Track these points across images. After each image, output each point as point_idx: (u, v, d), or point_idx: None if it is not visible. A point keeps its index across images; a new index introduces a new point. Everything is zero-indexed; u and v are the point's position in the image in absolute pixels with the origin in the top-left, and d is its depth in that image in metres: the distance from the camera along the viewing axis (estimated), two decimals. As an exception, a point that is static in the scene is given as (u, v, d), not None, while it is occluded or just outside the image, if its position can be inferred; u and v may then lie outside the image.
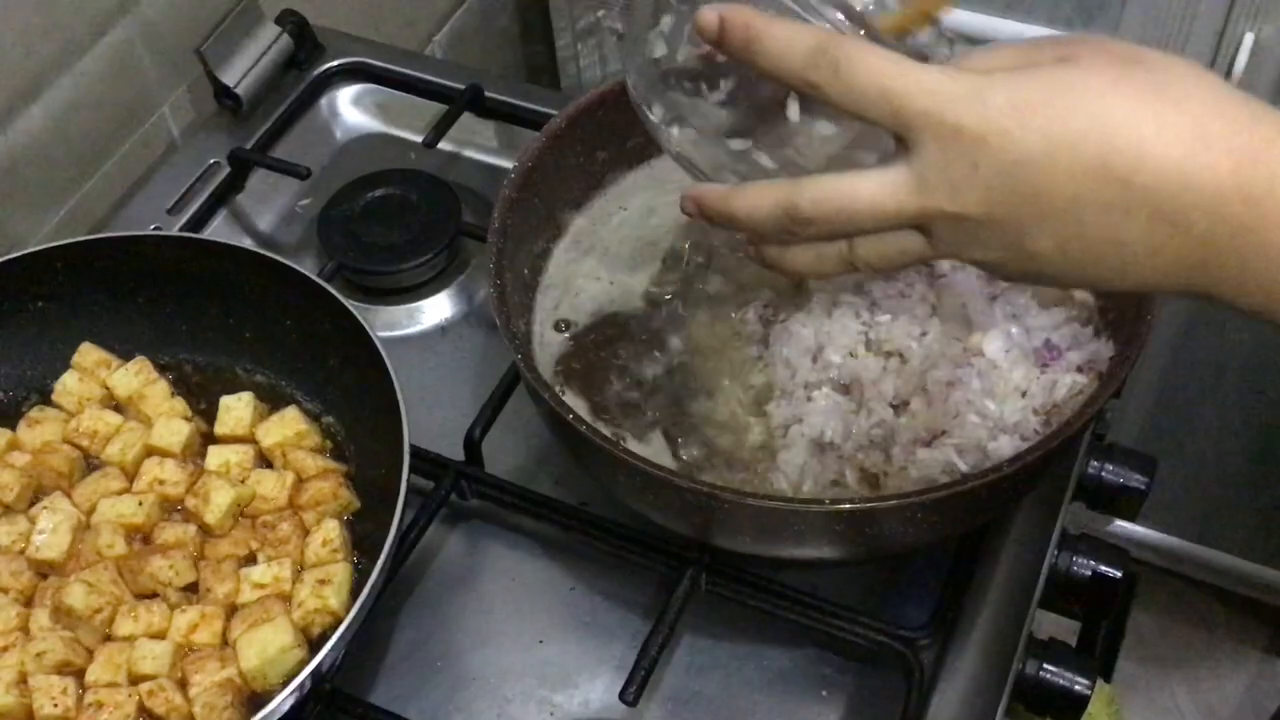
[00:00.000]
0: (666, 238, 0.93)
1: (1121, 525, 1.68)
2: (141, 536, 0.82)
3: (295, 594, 0.78)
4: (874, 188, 0.60)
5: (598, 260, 0.92)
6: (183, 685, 0.75)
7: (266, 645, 0.75)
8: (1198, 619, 1.81)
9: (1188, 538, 1.69)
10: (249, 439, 0.86)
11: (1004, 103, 0.57)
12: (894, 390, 0.81)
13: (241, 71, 1.11)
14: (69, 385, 0.89)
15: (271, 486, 0.83)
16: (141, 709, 0.74)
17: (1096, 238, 0.58)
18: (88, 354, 0.89)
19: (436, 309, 1.02)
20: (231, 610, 0.78)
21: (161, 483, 0.83)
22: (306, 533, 0.81)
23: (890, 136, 0.60)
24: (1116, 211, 0.57)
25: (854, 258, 0.64)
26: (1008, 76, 0.58)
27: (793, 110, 0.65)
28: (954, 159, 0.58)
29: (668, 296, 0.90)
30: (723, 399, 0.85)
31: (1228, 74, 1.17)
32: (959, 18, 1.23)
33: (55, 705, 0.74)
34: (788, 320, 0.85)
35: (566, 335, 0.88)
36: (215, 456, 0.85)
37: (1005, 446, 0.78)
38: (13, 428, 0.87)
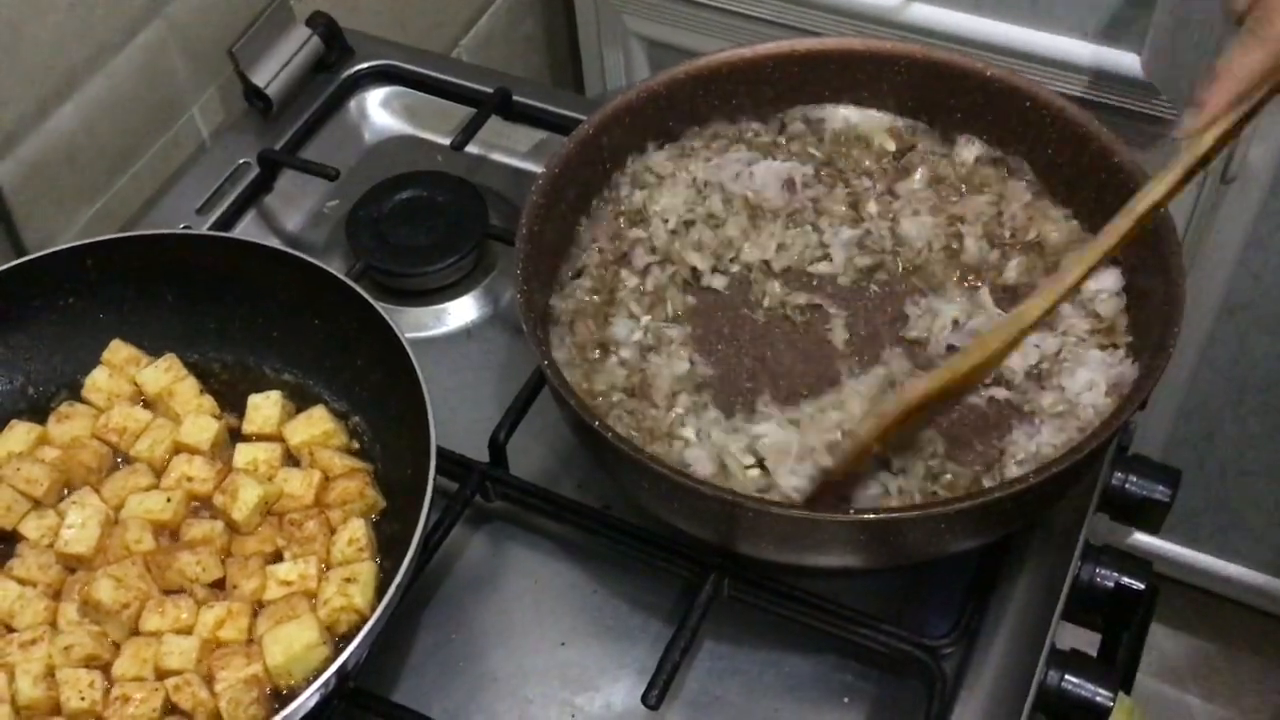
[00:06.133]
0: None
1: (1141, 538, 1.67)
2: (169, 532, 0.82)
3: (321, 592, 0.78)
4: None
5: (624, 265, 0.93)
6: (209, 680, 0.75)
7: (292, 642, 0.75)
8: (1216, 634, 1.80)
9: (1208, 551, 1.69)
10: (277, 437, 0.87)
11: None
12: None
13: (272, 73, 1.11)
14: (99, 381, 0.89)
15: (298, 485, 0.83)
16: (168, 703, 0.75)
17: None
18: (118, 351, 0.90)
19: (462, 311, 1.03)
20: (258, 607, 0.79)
21: (190, 479, 0.84)
22: (332, 531, 0.81)
23: None
24: None
25: None
26: None
27: None
28: None
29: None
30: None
31: None
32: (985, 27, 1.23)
33: (82, 698, 0.74)
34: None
35: (592, 339, 0.89)
36: (243, 454, 0.85)
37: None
38: (43, 423, 0.88)
